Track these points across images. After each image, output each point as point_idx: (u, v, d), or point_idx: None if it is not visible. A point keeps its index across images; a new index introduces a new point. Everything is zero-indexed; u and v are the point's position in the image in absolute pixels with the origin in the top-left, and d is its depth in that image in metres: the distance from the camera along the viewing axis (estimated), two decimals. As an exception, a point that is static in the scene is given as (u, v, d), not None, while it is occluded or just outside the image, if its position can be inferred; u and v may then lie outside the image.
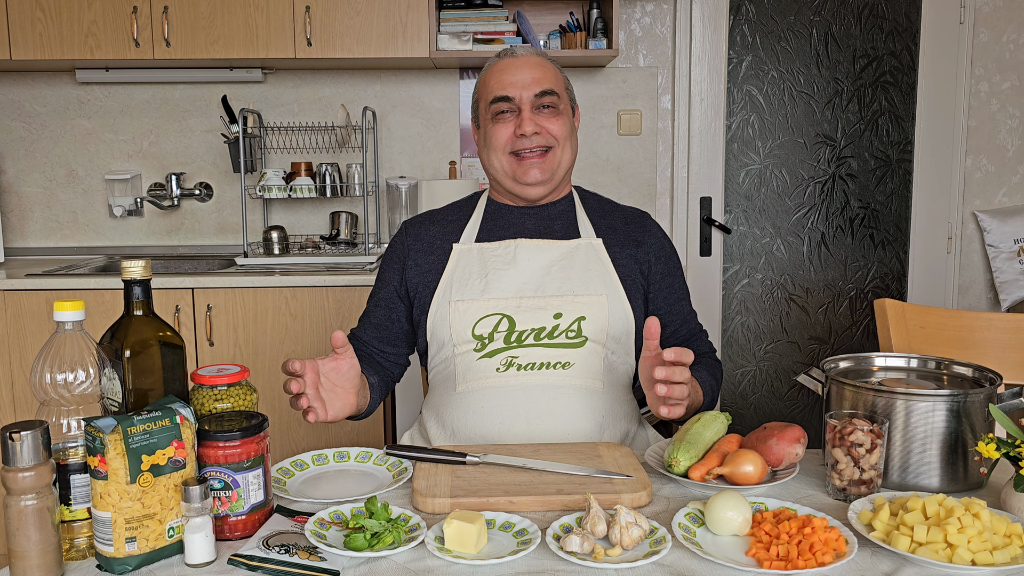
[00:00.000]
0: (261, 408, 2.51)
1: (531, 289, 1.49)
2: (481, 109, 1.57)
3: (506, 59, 1.54)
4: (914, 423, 1.15)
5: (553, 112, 1.52)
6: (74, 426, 1.00)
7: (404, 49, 2.83)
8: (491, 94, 1.52)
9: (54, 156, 3.20)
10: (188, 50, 2.81)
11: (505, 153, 1.52)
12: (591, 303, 1.47)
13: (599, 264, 1.52)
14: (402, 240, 1.61)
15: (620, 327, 1.50)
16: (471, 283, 1.50)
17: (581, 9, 3.11)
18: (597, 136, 3.25)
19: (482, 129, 1.57)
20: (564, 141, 1.53)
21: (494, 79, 1.53)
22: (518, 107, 1.50)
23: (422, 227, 1.61)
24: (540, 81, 1.51)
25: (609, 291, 1.50)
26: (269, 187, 2.98)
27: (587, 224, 1.57)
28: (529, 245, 1.52)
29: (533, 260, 1.51)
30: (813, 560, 0.93)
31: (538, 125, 1.50)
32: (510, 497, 1.09)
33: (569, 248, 1.53)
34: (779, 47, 3.22)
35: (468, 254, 1.54)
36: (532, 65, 1.52)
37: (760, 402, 3.41)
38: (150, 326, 1.06)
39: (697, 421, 1.24)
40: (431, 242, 1.58)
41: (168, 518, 0.97)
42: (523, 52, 1.55)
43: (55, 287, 2.60)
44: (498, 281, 1.49)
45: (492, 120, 1.53)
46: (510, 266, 1.50)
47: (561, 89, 1.54)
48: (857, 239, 3.33)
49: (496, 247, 1.53)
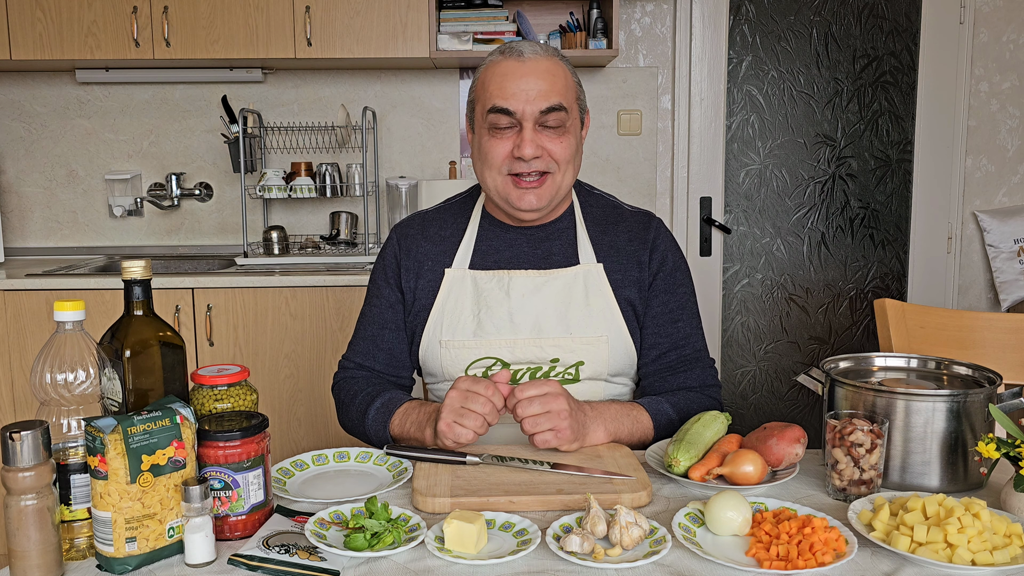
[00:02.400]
0: (261, 408, 2.51)
1: (526, 330, 1.40)
2: (477, 113, 1.41)
3: (511, 61, 1.36)
4: (914, 423, 1.15)
5: (558, 132, 1.36)
6: (74, 426, 1.00)
7: (404, 49, 2.83)
8: (490, 101, 1.35)
9: (54, 156, 3.20)
10: (188, 50, 2.81)
11: (501, 173, 1.38)
12: (590, 346, 1.40)
13: (599, 297, 1.42)
14: (394, 252, 1.50)
15: (621, 364, 1.44)
16: (463, 321, 1.42)
17: (581, 9, 3.11)
18: (597, 136, 3.25)
19: (477, 138, 1.42)
20: (566, 164, 1.38)
21: (495, 84, 1.35)
22: (519, 122, 1.35)
23: (413, 241, 1.49)
24: (547, 95, 1.34)
25: (610, 329, 1.41)
26: (269, 187, 2.98)
27: (587, 246, 1.46)
28: (523, 278, 1.42)
29: (527, 296, 1.41)
30: (813, 560, 0.93)
31: (539, 147, 1.35)
32: (510, 497, 1.09)
33: (567, 279, 1.42)
34: (779, 47, 3.22)
35: (461, 283, 1.44)
36: (540, 73, 1.34)
37: (760, 402, 3.41)
38: (150, 326, 1.06)
39: (697, 421, 1.24)
40: (421, 261, 1.47)
41: (168, 518, 0.97)
42: (531, 54, 1.36)
43: (55, 287, 2.60)
44: (491, 320, 1.41)
45: (489, 132, 1.37)
46: (503, 303, 1.41)
47: (571, 101, 1.38)
48: (857, 239, 3.33)
49: (490, 278, 1.43)
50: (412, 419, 1.34)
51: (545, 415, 1.21)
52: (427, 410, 1.33)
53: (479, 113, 1.40)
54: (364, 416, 1.41)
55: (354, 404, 1.44)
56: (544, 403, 1.21)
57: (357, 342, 1.51)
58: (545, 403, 1.21)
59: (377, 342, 1.49)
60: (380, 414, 1.38)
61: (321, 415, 2.70)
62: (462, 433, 1.22)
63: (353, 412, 1.44)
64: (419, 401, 1.39)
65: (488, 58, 1.41)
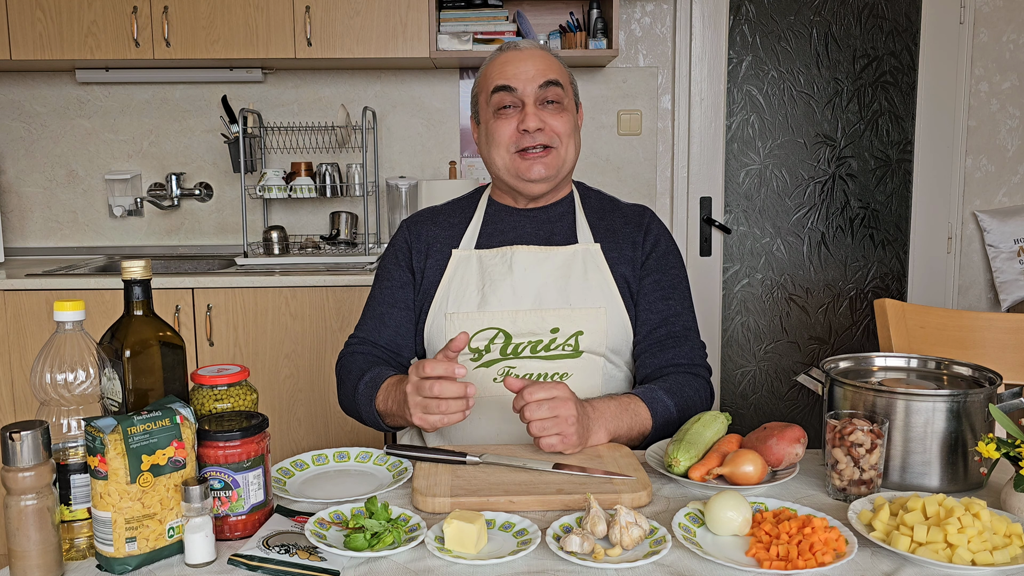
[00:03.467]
0: (261, 408, 2.51)
1: (528, 302, 1.46)
2: (481, 103, 1.53)
3: (509, 51, 1.51)
4: (914, 423, 1.15)
5: (557, 108, 1.48)
6: (74, 426, 1.00)
7: (404, 49, 2.83)
8: (492, 83, 1.48)
9: (54, 156, 3.20)
10: (188, 50, 2.81)
11: (509, 152, 1.48)
12: (589, 316, 1.45)
13: (597, 273, 1.49)
14: (404, 238, 1.58)
15: (618, 338, 1.48)
16: (468, 294, 1.48)
17: (581, 9, 3.11)
18: (597, 136, 3.25)
19: (483, 125, 1.53)
20: (567, 139, 1.49)
21: (496, 70, 1.49)
22: (521, 100, 1.47)
23: (422, 226, 1.58)
24: (544, 72, 1.47)
25: (607, 302, 1.47)
26: (269, 187, 2.98)
27: (585, 228, 1.54)
28: (525, 253, 1.49)
29: (529, 269, 1.48)
30: (813, 560, 0.93)
31: (542, 121, 1.46)
32: (510, 497, 1.09)
33: (566, 256, 1.50)
34: (779, 47, 3.22)
35: (467, 262, 1.51)
36: (536, 57, 1.48)
37: (760, 402, 3.41)
38: (150, 326, 1.06)
39: (697, 421, 1.24)
40: (430, 243, 1.55)
41: (168, 518, 0.97)
42: (526, 45, 1.51)
43: (55, 287, 2.60)
44: (494, 293, 1.47)
45: (494, 115, 1.49)
46: (506, 276, 1.48)
47: (566, 82, 1.51)
48: (857, 239, 3.33)
49: (493, 255, 1.51)
50: (393, 396, 1.36)
51: (553, 420, 1.22)
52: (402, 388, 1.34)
53: (483, 100, 1.52)
54: (355, 392, 1.45)
55: (348, 380, 1.49)
56: (553, 407, 1.22)
57: (364, 320, 1.57)
58: (554, 407, 1.22)
59: (384, 319, 1.54)
60: (368, 388, 1.42)
61: (321, 415, 2.70)
62: (436, 421, 1.23)
63: (347, 388, 1.49)
64: (399, 377, 1.39)
65: (489, 56, 1.54)
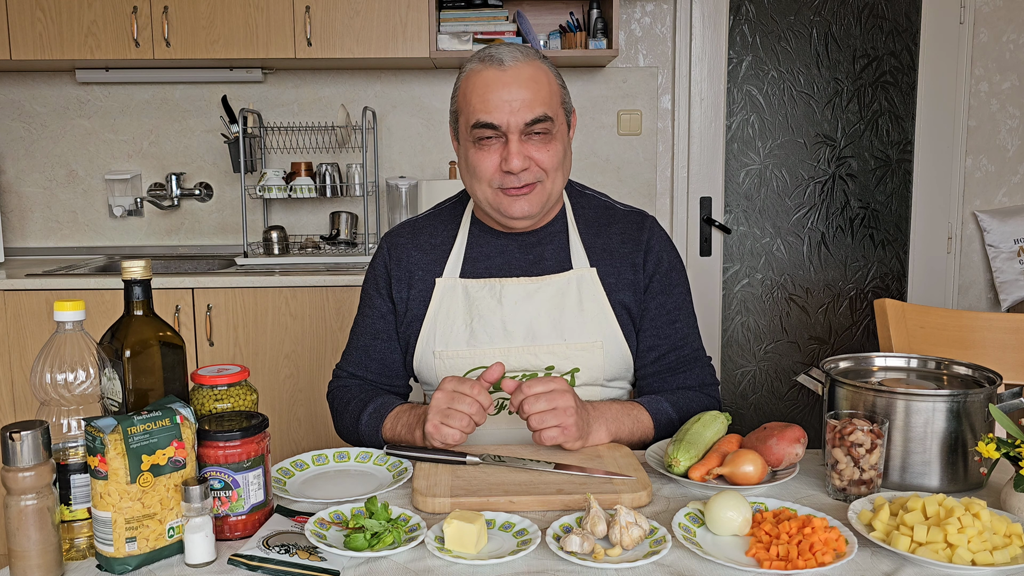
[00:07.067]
0: (261, 408, 2.51)
1: (519, 338, 1.39)
2: (461, 125, 1.37)
3: (491, 70, 1.32)
4: (914, 423, 1.15)
5: (545, 139, 1.34)
6: (74, 426, 1.00)
7: (404, 49, 2.83)
8: (474, 116, 1.32)
9: (54, 156, 3.20)
10: (188, 50, 2.81)
11: (491, 187, 1.35)
12: (585, 352, 1.39)
13: (593, 302, 1.40)
14: (384, 261, 1.49)
15: (617, 368, 1.43)
16: (455, 330, 1.41)
17: (581, 9, 3.11)
18: (597, 136, 3.25)
19: (463, 150, 1.39)
20: (554, 172, 1.36)
21: (477, 97, 1.32)
22: (505, 134, 1.32)
23: (402, 250, 1.48)
24: (531, 105, 1.31)
25: (604, 335, 1.40)
26: (269, 187, 2.98)
27: (580, 250, 1.44)
28: (516, 287, 1.40)
29: (520, 303, 1.39)
30: (813, 560, 0.93)
31: (526, 158, 1.32)
32: (510, 497, 1.09)
33: (560, 285, 1.41)
34: (779, 47, 3.22)
35: (452, 292, 1.42)
36: (522, 82, 1.31)
37: (760, 402, 3.41)
38: (150, 326, 1.06)
39: (697, 421, 1.24)
40: (412, 271, 1.46)
41: (168, 518, 0.97)
42: (511, 61, 1.33)
43: (55, 287, 2.60)
44: (484, 329, 1.39)
45: (475, 145, 1.34)
46: (495, 311, 1.39)
47: (556, 107, 1.35)
48: (857, 239, 3.33)
49: (481, 286, 1.41)
50: (403, 422, 1.35)
51: (551, 412, 1.21)
52: (417, 412, 1.34)
53: (463, 125, 1.37)
54: (357, 422, 1.41)
55: (348, 411, 1.44)
56: (551, 400, 1.21)
57: (350, 352, 1.51)
58: (552, 400, 1.21)
59: (369, 352, 1.49)
60: (372, 419, 1.39)
61: (321, 415, 2.70)
62: (449, 433, 1.22)
63: (347, 419, 1.44)
64: (410, 404, 1.39)
65: (468, 66, 1.36)
